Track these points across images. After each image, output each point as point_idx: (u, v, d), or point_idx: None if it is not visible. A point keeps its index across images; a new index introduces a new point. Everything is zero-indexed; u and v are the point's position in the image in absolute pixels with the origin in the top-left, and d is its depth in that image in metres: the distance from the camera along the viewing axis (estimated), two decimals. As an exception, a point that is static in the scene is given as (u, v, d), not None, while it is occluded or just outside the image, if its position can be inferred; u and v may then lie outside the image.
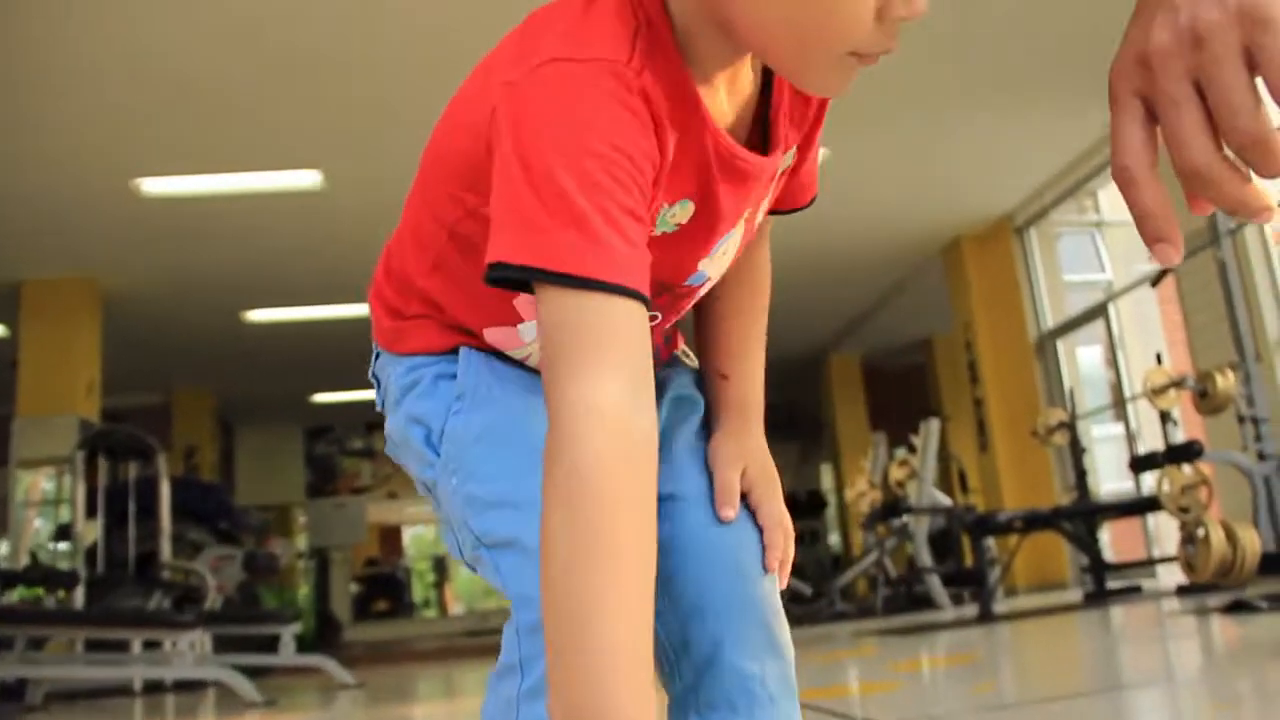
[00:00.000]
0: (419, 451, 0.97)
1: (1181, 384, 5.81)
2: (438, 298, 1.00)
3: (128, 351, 9.78)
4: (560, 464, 0.74)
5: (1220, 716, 2.00)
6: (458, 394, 0.96)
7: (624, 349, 0.77)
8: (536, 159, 0.78)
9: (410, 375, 1.00)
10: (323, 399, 13.99)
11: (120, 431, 7.98)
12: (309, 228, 8.20)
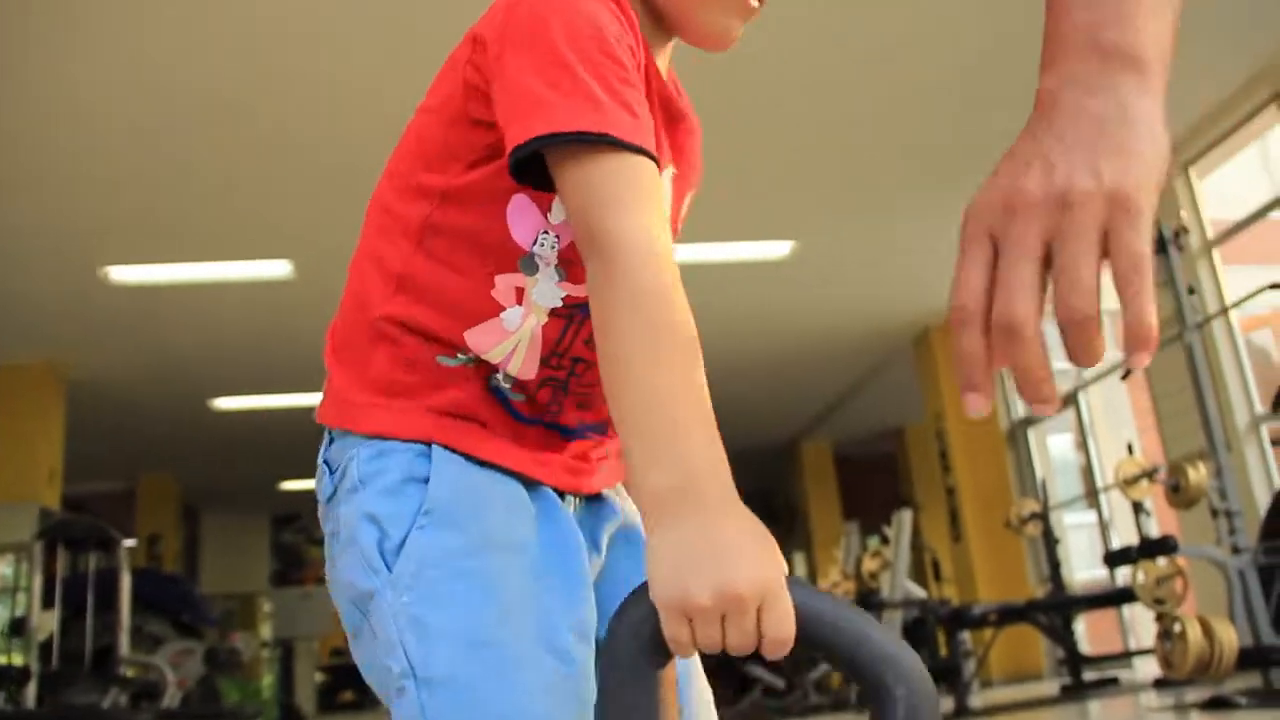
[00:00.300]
0: (365, 554, 0.89)
1: (1153, 475, 5.81)
2: (408, 317, 0.95)
3: (92, 438, 9.66)
4: (627, 287, 0.80)
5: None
6: (426, 508, 0.89)
7: (658, 199, 0.85)
8: (546, 46, 0.84)
9: (375, 463, 0.92)
10: (291, 486, 13.82)
11: (81, 521, 7.82)
12: (279, 316, 8.17)
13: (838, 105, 6.02)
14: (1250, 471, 6.56)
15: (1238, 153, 6.96)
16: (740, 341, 9.11)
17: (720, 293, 8.44)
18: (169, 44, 4.83)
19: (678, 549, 0.73)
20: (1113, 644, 8.78)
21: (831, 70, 5.68)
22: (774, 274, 8.15)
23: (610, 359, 0.81)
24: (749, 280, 8.26)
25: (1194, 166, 6.94)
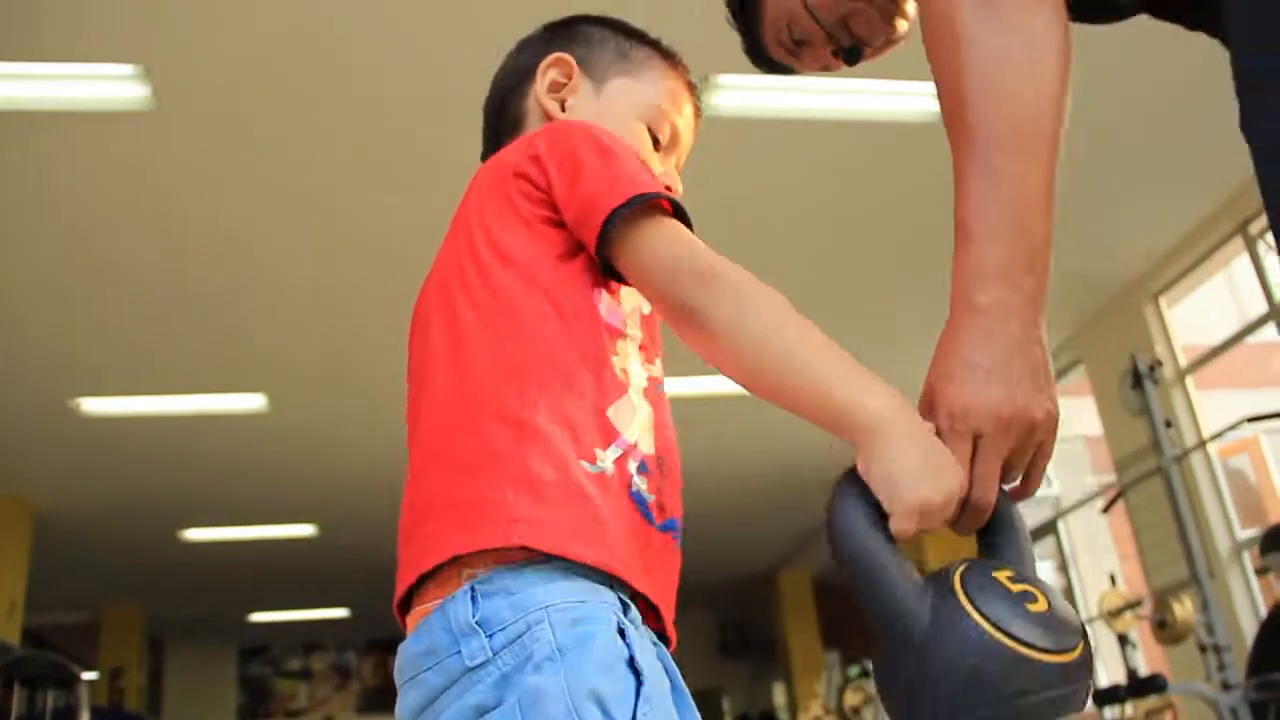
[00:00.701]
0: None
1: (1137, 607, 5.74)
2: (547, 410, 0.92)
3: (57, 569, 9.46)
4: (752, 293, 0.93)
5: None
6: (646, 693, 0.84)
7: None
8: (609, 141, 1.00)
9: (578, 630, 0.83)
10: (260, 618, 13.53)
11: (41, 658, 7.57)
12: (252, 449, 8.10)
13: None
14: (1235, 597, 6.51)
15: (1205, 282, 7.08)
16: (715, 472, 9.06)
17: (696, 425, 8.43)
18: (153, 170, 4.85)
19: (911, 458, 0.86)
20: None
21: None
22: (744, 404, 8.13)
23: (775, 354, 0.91)
24: (720, 413, 8.24)
25: (1164, 296, 7.05)
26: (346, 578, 11.89)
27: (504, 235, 0.98)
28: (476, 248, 0.99)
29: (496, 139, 1.19)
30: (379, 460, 8.58)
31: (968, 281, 0.92)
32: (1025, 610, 0.84)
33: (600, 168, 0.95)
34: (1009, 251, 0.91)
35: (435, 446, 0.97)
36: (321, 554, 10.73)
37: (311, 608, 13.32)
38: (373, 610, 13.54)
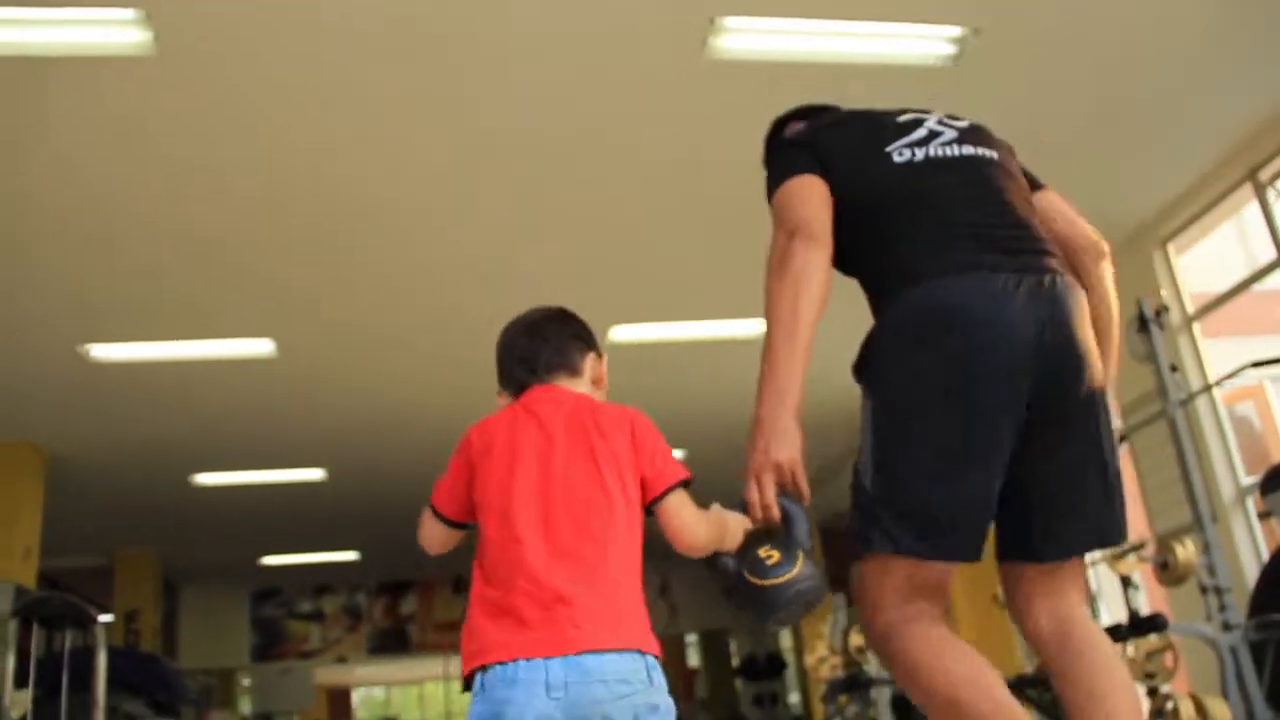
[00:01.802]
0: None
1: (1140, 550, 5.78)
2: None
3: (70, 514, 9.55)
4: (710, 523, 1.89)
5: None
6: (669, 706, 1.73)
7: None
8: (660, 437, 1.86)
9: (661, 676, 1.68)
10: (271, 561, 13.68)
11: (57, 598, 7.66)
12: (261, 394, 8.14)
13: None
14: (1238, 544, 6.55)
15: (1214, 229, 7.05)
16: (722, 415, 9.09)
17: (697, 369, 8.46)
18: (156, 115, 4.84)
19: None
20: None
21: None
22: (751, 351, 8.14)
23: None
24: (724, 356, 8.26)
25: (1172, 243, 7.02)
26: (356, 521, 12.01)
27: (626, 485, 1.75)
28: (625, 481, 1.75)
29: (565, 355, 1.98)
30: (386, 405, 8.67)
31: (757, 402, 2.02)
32: (766, 565, 1.80)
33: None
34: (773, 395, 2.02)
35: (623, 578, 1.66)
36: (331, 498, 10.82)
37: (322, 551, 13.46)
38: (382, 554, 13.68)
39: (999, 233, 1.90)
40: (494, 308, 7.59)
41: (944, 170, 2.00)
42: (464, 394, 8.54)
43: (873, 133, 2.08)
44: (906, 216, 1.94)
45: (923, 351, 1.85)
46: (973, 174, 2.00)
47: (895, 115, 2.12)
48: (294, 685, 15.05)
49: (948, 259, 1.85)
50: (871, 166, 2.01)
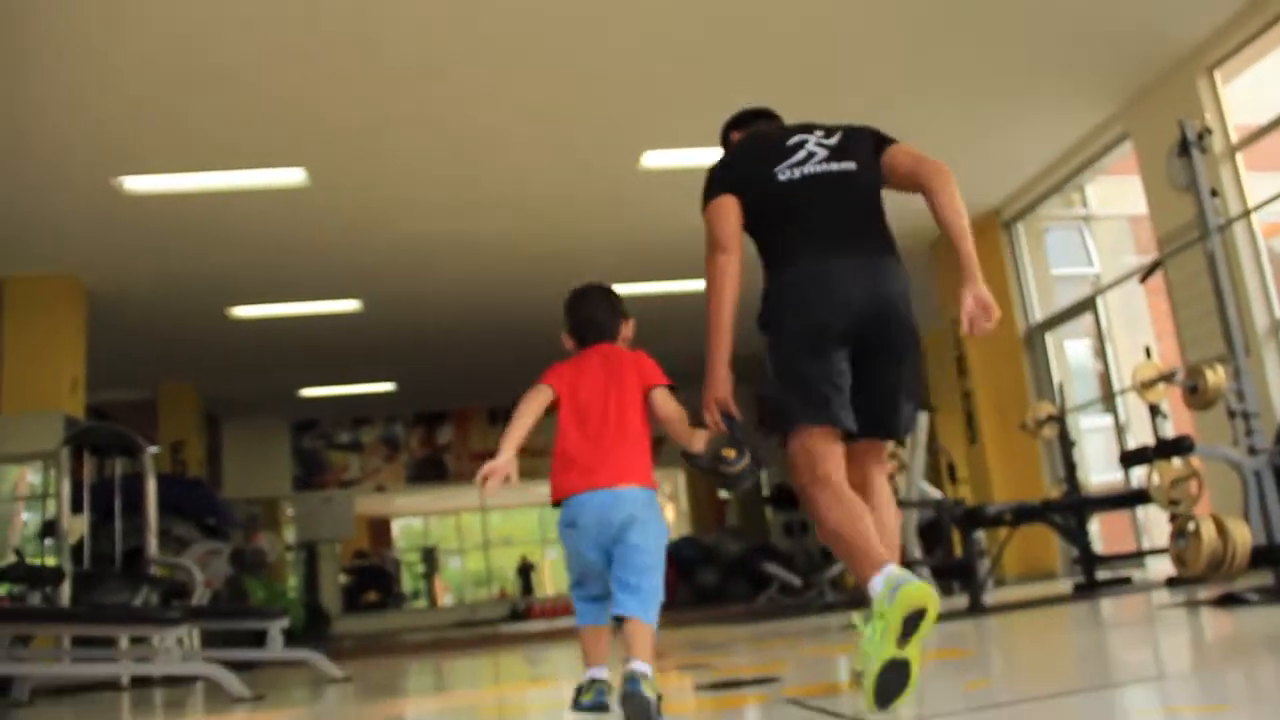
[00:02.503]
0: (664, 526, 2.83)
1: (1170, 378, 5.81)
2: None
3: (112, 348, 9.74)
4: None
5: (1213, 717, 1.99)
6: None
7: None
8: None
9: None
10: (310, 393, 13.94)
11: (106, 428, 7.91)
12: (294, 225, 8.17)
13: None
14: (1269, 375, 6.57)
15: (1263, 57, 6.83)
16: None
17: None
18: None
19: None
20: (1126, 547, 8.86)
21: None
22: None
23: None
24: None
25: (1218, 70, 6.82)
26: (392, 353, 12.18)
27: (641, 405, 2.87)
28: (644, 402, 2.87)
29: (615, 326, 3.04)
30: (419, 235, 8.71)
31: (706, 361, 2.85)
32: (728, 460, 2.74)
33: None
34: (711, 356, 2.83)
35: (639, 448, 2.81)
36: (367, 329, 10.96)
37: (359, 382, 13.70)
38: (418, 384, 13.91)
39: (843, 233, 2.89)
40: (532, 137, 7.60)
41: (813, 185, 2.94)
42: (499, 224, 8.61)
43: (768, 156, 3.01)
44: (784, 223, 2.92)
45: (791, 308, 2.82)
46: (832, 188, 2.94)
47: (788, 138, 3.05)
48: (335, 514, 15.52)
49: (808, 253, 2.86)
50: (764, 186, 2.96)
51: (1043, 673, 3.11)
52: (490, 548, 20.21)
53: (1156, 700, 2.26)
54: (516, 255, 9.36)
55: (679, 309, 9.90)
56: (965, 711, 2.30)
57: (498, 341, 11.94)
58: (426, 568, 21.66)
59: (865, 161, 3.02)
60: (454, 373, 13.51)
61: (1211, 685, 2.46)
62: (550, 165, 7.66)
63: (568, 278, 3.45)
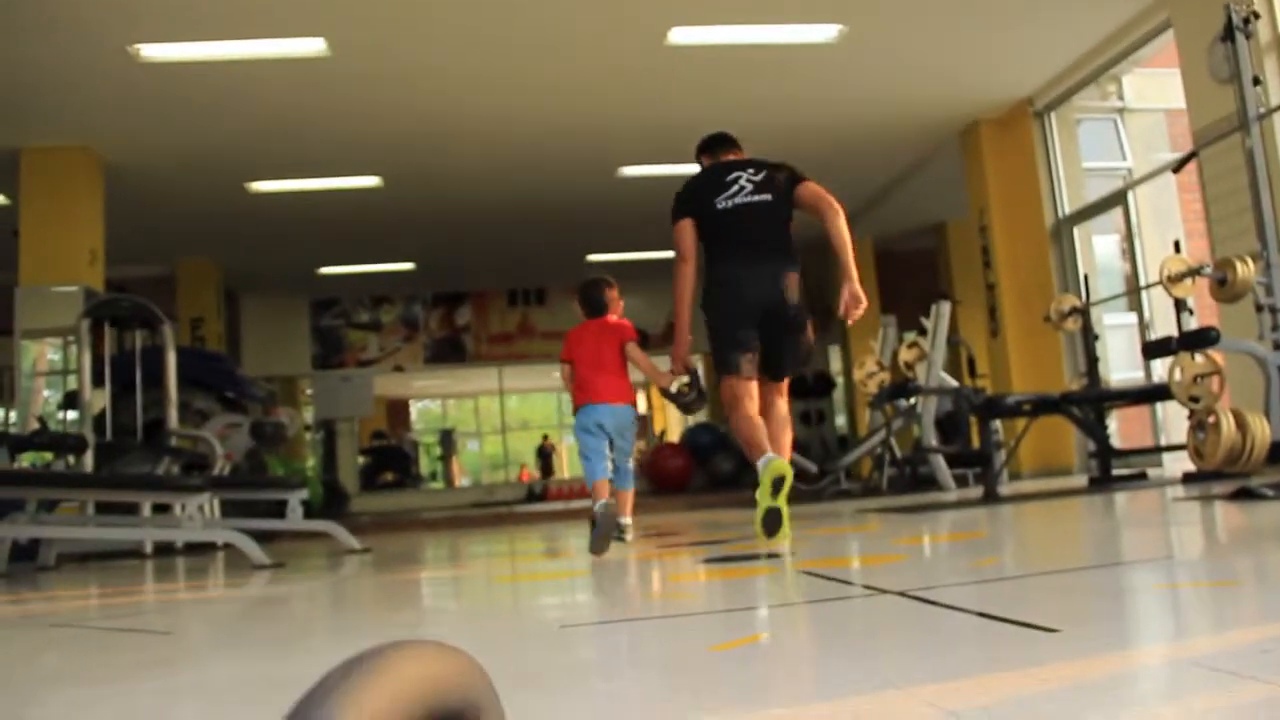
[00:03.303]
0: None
1: (1199, 272, 5.72)
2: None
3: (130, 222, 9.71)
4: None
5: (1218, 592, 1.99)
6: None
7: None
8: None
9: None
10: (329, 271, 13.93)
11: (126, 300, 7.93)
12: (313, 96, 8.05)
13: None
14: (1299, 270, 6.45)
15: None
16: (780, 128, 8.93)
17: (761, 77, 8.21)
18: None
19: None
20: (1145, 445, 8.85)
21: None
22: (820, 59, 7.90)
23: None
24: (793, 65, 8.02)
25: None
26: (411, 231, 12.13)
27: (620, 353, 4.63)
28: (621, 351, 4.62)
29: (603, 303, 4.71)
30: (441, 111, 8.58)
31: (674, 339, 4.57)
32: (683, 393, 4.62)
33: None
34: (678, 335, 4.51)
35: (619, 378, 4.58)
36: (387, 206, 10.89)
37: (378, 262, 13.68)
38: (437, 264, 13.87)
39: (758, 247, 4.37)
40: (558, 13, 7.40)
41: (741, 213, 4.40)
42: (522, 100, 8.47)
43: (712, 190, 4.47)
44: (719, 239, 4.43)
45: (722, 295, 4.36)
46: (753, 214, 4.40)
47: (728, 174, 4.49)
48: (354, 393, 15.64)
49: (734, 261, 4.37)
50: (709, 211, 4.43)
51: (1052, 553, 3.11)
52: (508, 431, 20.40)
53: (1164, 576, 2.25)
54: (540, 133, 9.23)
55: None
56: (974, 583, 2.31)
57: (519, 222, 11.87)
58: (444, 450, 21.90)
59: (780, 194, 4.46)
60: (474, 253, 13.46)
61: (1220, 566, 2.45)
62: (576, 41, 7.50)
63: (592, 158, 3.38)
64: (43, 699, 1.76)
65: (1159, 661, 1.46)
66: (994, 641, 1.62)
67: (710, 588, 2.79)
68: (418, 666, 0.50)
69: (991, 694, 1.27)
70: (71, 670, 2.06)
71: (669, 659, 1.74)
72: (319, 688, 0.45)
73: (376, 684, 0.46)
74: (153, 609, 3.37)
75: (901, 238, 13.57)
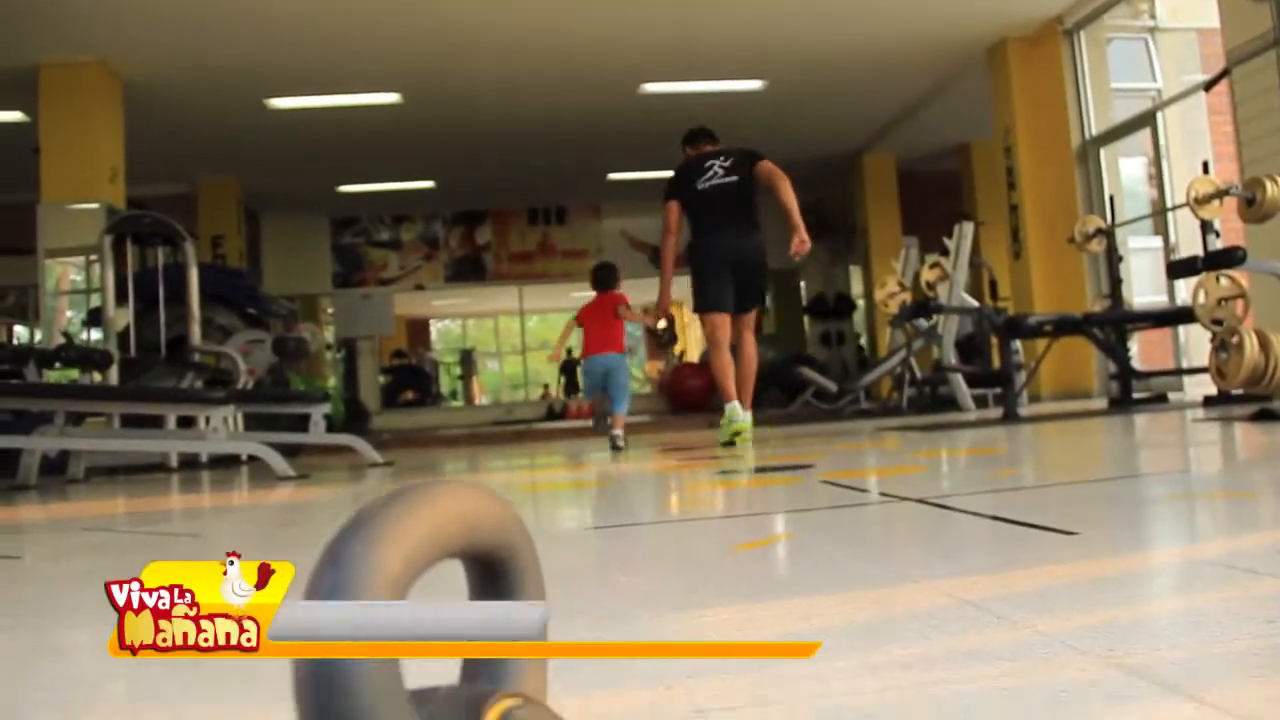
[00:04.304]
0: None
1: (1227, 192, 5.65)
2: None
3: (151, 140, 9.68)
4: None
5: (1236, 503, 2.00)
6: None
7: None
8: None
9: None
10: (349, 189, 13.90)
11: (148, 218, 7.93)
12: (332, 10, 7.96)
13: None
14: (1329, 191, 6.36)
15: None
16: (806, 44, 8.80)
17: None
18: None
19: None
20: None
21: None
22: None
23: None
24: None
25: None
26: (431, 150, 12.06)
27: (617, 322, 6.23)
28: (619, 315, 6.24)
29: (609, 281, 6.35)
30: (461, 26, 8.48)
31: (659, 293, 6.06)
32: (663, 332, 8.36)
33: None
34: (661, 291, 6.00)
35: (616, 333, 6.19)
36: (407, 124, 10.82)
37: (399, 180, 13.62)
38: (457, 183, 13.81)
39: (729, 219, 5.59)
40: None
41: (715, 192, 5.63)
42: (543, 15, 8.36)
43: (694, 174, 5.69)
44: (700, 213, 5.67)
45: (703, 252, 5.63)
46: (725, 193, 5.61)
47: (705, 162, 5.70)
48: (374, 311, 15.67)
49: (711, 230, 5.63)
50: (691, 192, 5.69)
51: (1070, 467, 3.13)
52: (528, 351, 20.46)
53: (1182, 488, 2.27)
54: (561, 48, 9.12)
55: (730, 108, 9.73)
56: (991, 492, 2.32)
57: (539, 140, 11.78)
58: (464, 369, 21.99)
59: (744, 175, 5.67)
60: (494, 172, 13.39)
61: (1238, 480, 2.46)
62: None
63: (614, 74, 3.34)
64: (78, 592, 1.80)
65: (1177, 561, 1.48)
66: (1012, 543, 1.64)
67: (731, 496, 2.82)
68: (456, 503, 0.51)
69: (1010, 587, 1.29)
70: (103, 568, 2.10)
71: (692, 557, 1.77)
72: (358, 517, 0.46)
73: (415, 516, 0.48)
74: (180, 516, 3.43)
75: (925, 158, 13.43)
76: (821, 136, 12.12)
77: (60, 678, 1.20)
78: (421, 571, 0.46)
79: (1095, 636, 1.03)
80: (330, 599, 0.44)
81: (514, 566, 0.56)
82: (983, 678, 0.92)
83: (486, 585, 0.56)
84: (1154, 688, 0.87)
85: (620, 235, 8.62)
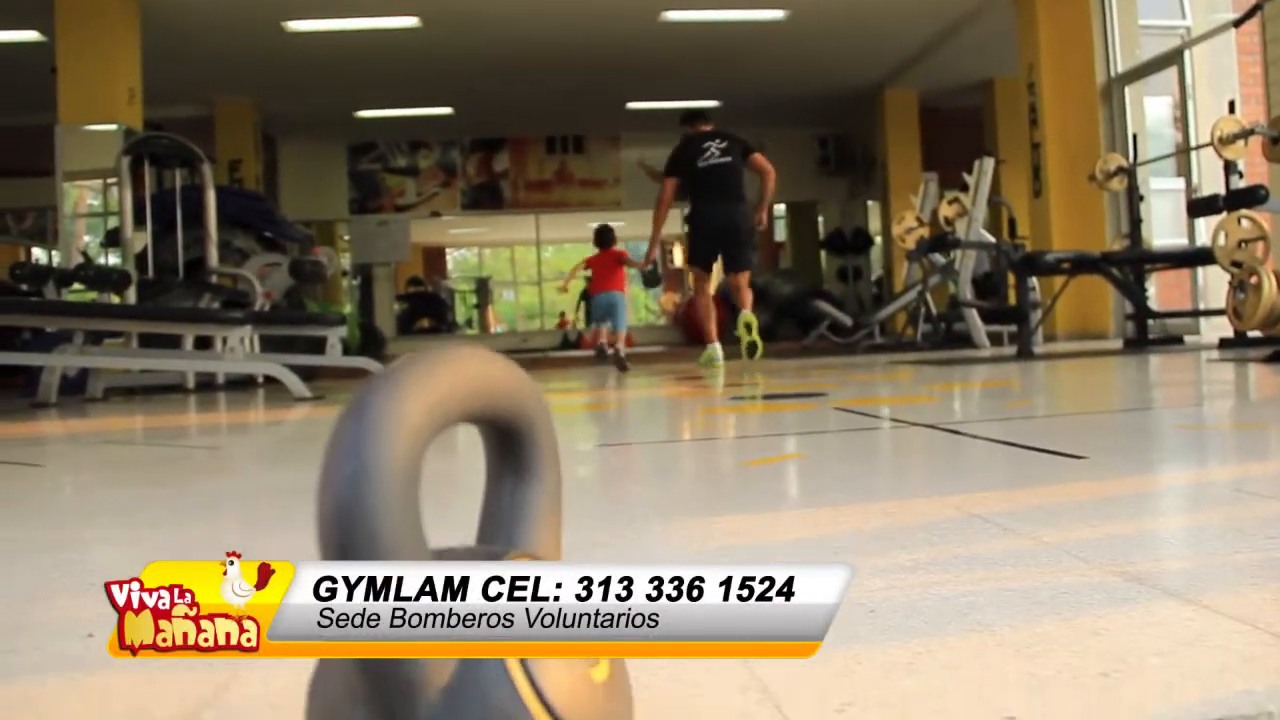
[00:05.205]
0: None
1: (1252, 132, 5.59)
2: None
3: (168, 62, 9.62)
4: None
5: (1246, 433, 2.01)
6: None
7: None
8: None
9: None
10: (367, 114, 13.82)
11: (165, 139, 7.92)
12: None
13: None
14: (1356, 132, 6.29)
15: None
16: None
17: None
18: None
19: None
20: (1181, 308, 8.77)
21: None
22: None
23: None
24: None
25: None
26: (450, 76, 11.97)
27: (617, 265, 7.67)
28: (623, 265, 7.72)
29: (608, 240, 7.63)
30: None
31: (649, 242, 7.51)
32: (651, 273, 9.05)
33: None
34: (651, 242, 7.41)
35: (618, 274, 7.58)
36: (425, 49, 10.72)
37: (416, 106, 13.53)
38: (475, 109, 13.73)
39: (722, 194, 6.82)
40: None
41: (711, 170, 6.85)
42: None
43: (693, 154, 6.89)
44: (698, 188, 6.91)
45: (699, 220, 6.98)
46: (720, 171, 6.84)
47: (703, 143, 6.90)
48: (391, 238, 15.64)
49: (706, 203, 6.88)
50: (690, 170, 6.87)
51: (1082, 400, 3.14)
52: (544, 282, 20.46)
53: (1192, 420, 2.28)
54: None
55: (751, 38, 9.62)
56: (1003, 420, 2.34)
57: (558, 67, 11.67)
58: (479, 299, 22.01)
59: (736, 157, 6.82)
60: (513, 99, 13.28)
61: (1249, 414, 2.47)
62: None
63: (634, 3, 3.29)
64: (105, 498, 1.84)
65: (1184, 484, 1.50)
66: (1021, 465, 1.66)
67: (744, 418, 2.84)
68: (478, 367, 0.53)
69: (1017, 503, 1.31)
70: (126, 477, 2.14)
71: (705, 471, 1.80)
72: (383, 374, 0.48)
73: (439, 373, 0.49)
74: (198, 432, 3.48)
75: (948, 94, 13.27)
76: (843, 69, 11.98)
77: (83, 565, 1.24)
78: (442, 427, 0.48)
79: (1099, 548, 1.05)
80: (353, 444, 0.45)
81: (531, 436, 0.58)
82: (986, 580, 0.95)
83: (505, 454, 0.58)
84: (1154, 592, 0.89)
85: (638, 165, 9.76)
